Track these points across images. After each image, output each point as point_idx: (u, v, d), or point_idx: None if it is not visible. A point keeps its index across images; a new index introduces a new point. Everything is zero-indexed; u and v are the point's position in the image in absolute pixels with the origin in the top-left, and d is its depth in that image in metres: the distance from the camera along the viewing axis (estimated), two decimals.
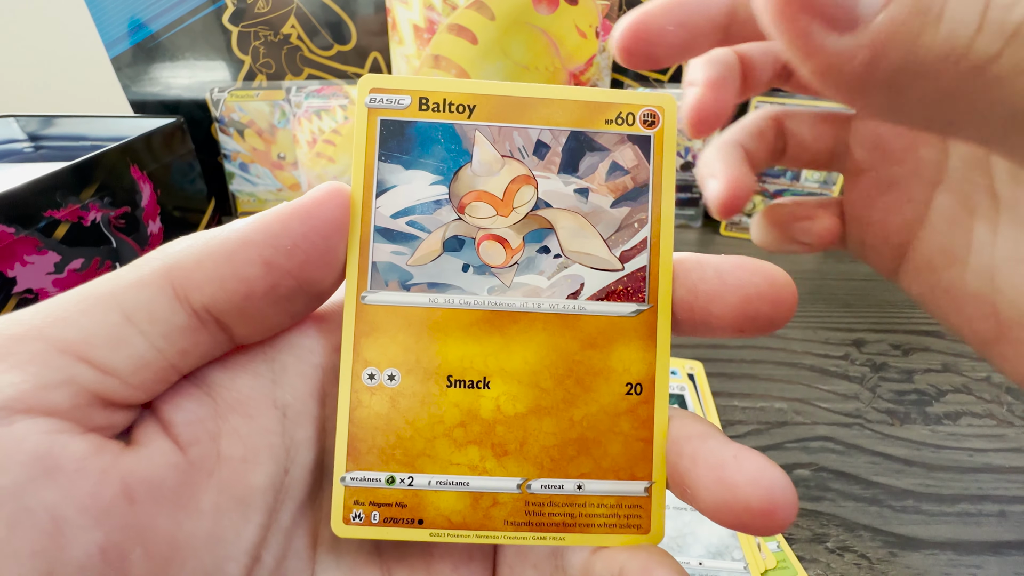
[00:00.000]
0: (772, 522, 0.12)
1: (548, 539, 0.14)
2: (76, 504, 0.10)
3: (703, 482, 0.12)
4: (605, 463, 0.14)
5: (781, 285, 0.13)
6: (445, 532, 0.14)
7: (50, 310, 0.11)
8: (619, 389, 0.14)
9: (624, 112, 0.14)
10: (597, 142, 0.14)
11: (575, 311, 0.14)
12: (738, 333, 0.13)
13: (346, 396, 0.14)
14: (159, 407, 0.13)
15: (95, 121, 0.57)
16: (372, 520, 0.14)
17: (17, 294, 0.39)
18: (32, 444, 0.10)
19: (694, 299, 0.14)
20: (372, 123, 0.14)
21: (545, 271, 0.14)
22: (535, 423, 0.14)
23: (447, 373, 0.14)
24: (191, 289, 0.12)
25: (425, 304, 0.14)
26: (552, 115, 0.14)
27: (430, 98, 0.14)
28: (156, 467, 0.12)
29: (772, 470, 0.12)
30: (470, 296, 0.14)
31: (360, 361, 0.14)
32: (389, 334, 0.14)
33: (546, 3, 0.46)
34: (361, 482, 0.14)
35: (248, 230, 0.12)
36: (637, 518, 0.14)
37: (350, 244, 0.14)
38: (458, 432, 0.14)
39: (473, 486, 0.14)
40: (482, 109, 0.14)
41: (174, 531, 0.11)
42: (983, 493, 0.33)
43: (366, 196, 0.14)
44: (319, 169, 0.62)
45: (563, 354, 0.14)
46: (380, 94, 0.14)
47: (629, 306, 0.14)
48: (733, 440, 0.13)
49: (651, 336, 0.14)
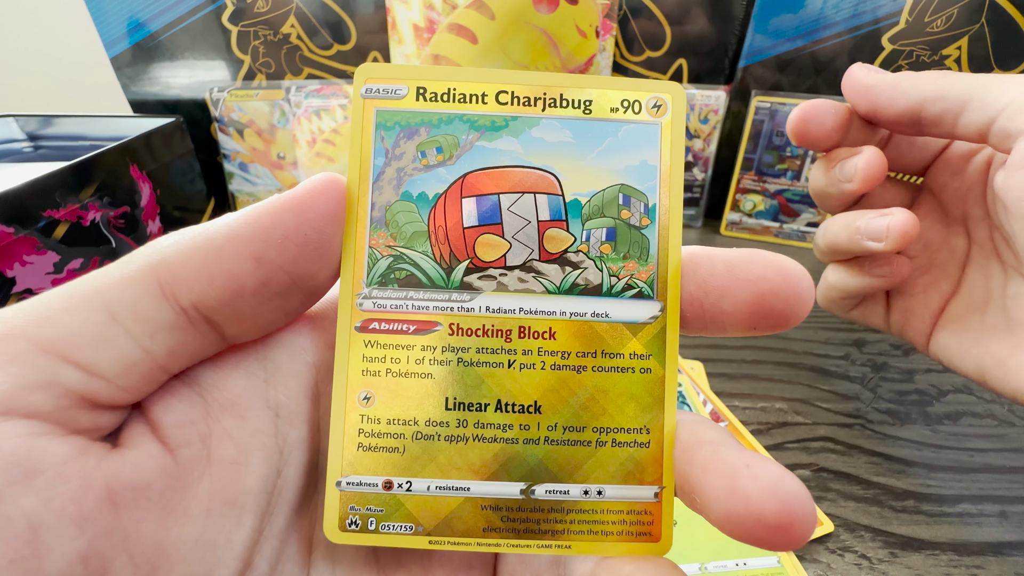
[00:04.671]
0: (788, 536, 0.11)
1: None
2: (56, 510, 0.10)
3: (714, 492, 0.12)
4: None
5: (796, 278, 0.12)
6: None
7: (33, 308, 0.11)
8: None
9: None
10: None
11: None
12: (751, 330, 0.13)
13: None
14: (148, 408, 0.12)
15: (94, 121, 0.57)
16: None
17: (16, 294, 0.38)
18: (10, 447, 0.10)
19: (704, 296, 0.13)
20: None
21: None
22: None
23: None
24: (178, 286, 0.11)
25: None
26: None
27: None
28: (143, 470, 0.11)
29: (789, 480, 0.11)
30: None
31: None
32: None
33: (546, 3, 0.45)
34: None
35: (237, 224, 0.12)
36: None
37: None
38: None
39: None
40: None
41: (161, 537, 0.11)
42: (984, 493, 0.32)
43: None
44: (319, 169, 0.62)
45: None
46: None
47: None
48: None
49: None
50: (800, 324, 0.48)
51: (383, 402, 0.13)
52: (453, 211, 0.14)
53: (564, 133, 0.14)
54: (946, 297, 0.27)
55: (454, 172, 0.14)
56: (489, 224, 0.14)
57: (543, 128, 0.14)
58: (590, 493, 0.13)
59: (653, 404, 0.13)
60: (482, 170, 0.14)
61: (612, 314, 0.14)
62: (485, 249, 0.14)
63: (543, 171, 0.14)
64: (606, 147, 0.14)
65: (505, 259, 0.14)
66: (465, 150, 0.14)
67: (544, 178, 0.14)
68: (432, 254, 0.13)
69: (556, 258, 0.14)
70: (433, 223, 0.13)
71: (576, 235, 0.14)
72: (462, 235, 0.14)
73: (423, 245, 0.13)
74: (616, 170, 0.14)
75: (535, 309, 0.13)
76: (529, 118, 0.14)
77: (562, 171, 0.14)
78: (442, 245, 0.13)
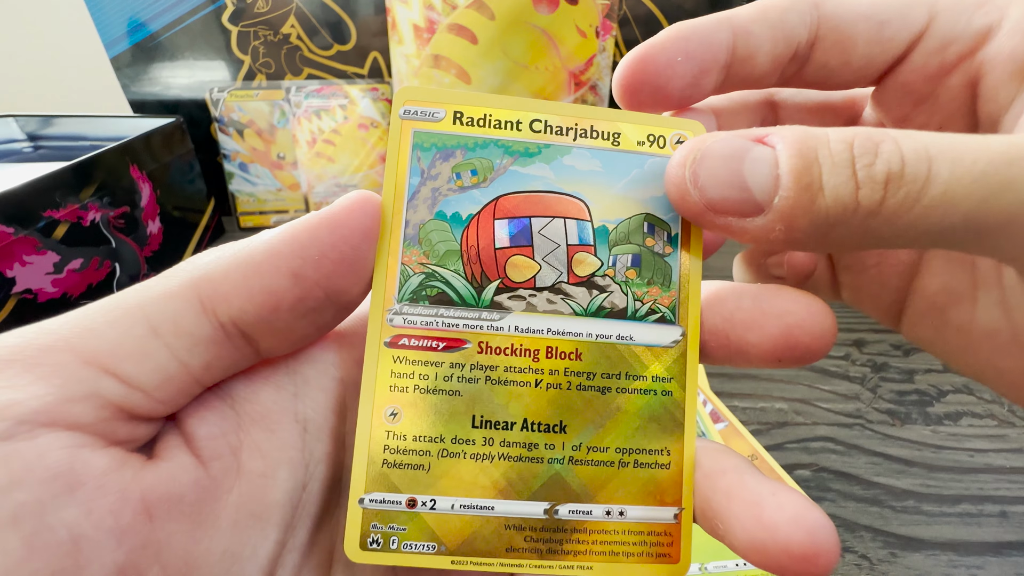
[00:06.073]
0: (813, 566, 0.11)
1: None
2: (96, 522, 0.10)
3: (739, 520, 0.12)
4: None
5: (822, 314, 0.13)
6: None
7: (77, 320, 0.11)
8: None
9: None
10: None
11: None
12: (776, 363, 0.13)
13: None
14: (182, 419, 0.12)
15: (94, 121, 0.57)
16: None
17: (16, 294, 0.38)
18: (54, 459, 0.10)
19: (731, 328, 0.13)
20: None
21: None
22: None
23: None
24: (218, 302, 0.12)
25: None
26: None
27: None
28: (176, 483, 0.11)
29: (814, 511, 0.11)
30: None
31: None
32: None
33: (546, 3, 0.46)
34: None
35: (276, 241, 0.12)
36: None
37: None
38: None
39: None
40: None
41: (191, 548, 0.11)
42: (984, 494, 0.32)
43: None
44: (319, 169, 0.62)
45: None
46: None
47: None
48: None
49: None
50: None
51: (410, 418, 0.13)
52: (486, 232, 0.14)
53: (594, 163, 0.14)
54: (908, 270, 0.18)
55: (488, 194, 0.14)
56: (520, 246, 0.14)
57: (574, 157, 0.14)
58: (612, 513, 0.13)
59: (673, 426, 0.14)
60: (515, 193, 0.14)
61: (636, 337, 0.14)
62: (516, 270, 0.14)
63: (573, 197, 0.14)
64: (632, 178, 0.14)
65: (535, 280, 0.14)
66: (499, 173, 0.14)
67: (574, 204, 0.14)
68: (464, 273, 0.14)
69: (584, 281, 0.14)
70: (466, 243, 0.14)
71: (603, 260, 0.14)
72: (494, 255, 0.14)
73: (455, 264, 0.14)
74: (641, 200, 0.14)
75: (563, 330, 0.14)
76: (561, 146, 0.14)
77: (591, 198, 0.14)
78: (474, 264, 0.14)
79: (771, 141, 0.12)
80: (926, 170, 0.11)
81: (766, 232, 0.12)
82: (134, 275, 0.49)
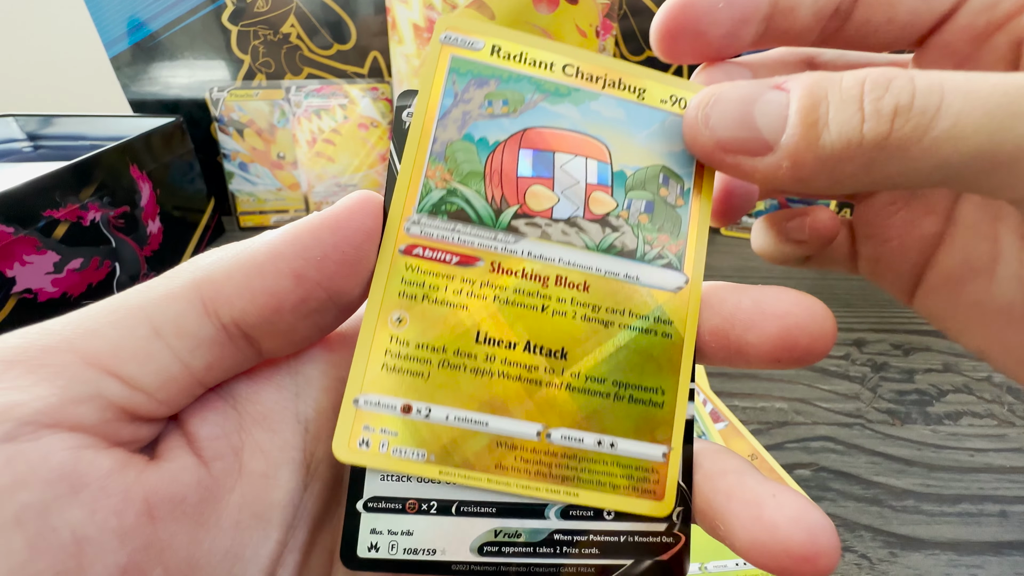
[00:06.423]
0: (814, 566, 0.11)
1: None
2: (99, 523, 0.10)
3: (739, 520, 0.12)
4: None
5: (822, 315, 0.13)
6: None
7: (80, 321, 0.11)
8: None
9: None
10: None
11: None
12: (775, 363, 0.13)
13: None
14: (184, 420, 0.12)
15: (94, 120, 0.57)
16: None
17: (16, 294, 0.38)
18: (58, 460, 0.10)
19: (730, 328, 0.13)
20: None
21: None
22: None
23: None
24: (221, 303, 0.12)
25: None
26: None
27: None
28: (179, 483, 0.11)
29: (814, 512, 0.11)
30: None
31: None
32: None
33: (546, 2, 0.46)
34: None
35: (278, 242, 0.12)
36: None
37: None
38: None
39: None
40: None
41: (193, 549, 0.11)
42: (984, 493, 0.33)
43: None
44: (319, 168, 0.62)
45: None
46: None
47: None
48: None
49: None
50: None
51: (414, 325, 0.13)
52: (510, 159, 0.14)
53: (619, 111, 0.15)
54: (931, 242, 0.18)
55: (516, 124, 0.14)
56: (542, 177, 0.14)
57: (601, 103, 0.15)
58: (603, 444, 0.14)
59: (670, 368, 0.14)
60: (542, 127, 0.15)
61: (643, 278, 0.14)
62: (535, 199, 0.14)
63: (597, 140, 0.15)
64: (653, 131, 0.15)
65: (552, 211, 0.14)
66: (529, 107, 0.14)
67: (597, 146, 0.15)
68: (484, 194, 0.14)
69: (598, 219, 0.14)
70: (490, 167, 0.14)
71: (619, 202, 0.15)
72: (515, 182, 0.14)
73: (477, 184, 0.14)
74: (660, 152, 0.15)
75: (573, 261, 0.14)
76: (589, 92, 0.15)
77: (613, 144, 0.15)
78: (495, 188, 0.14)
79: (787, 86, 0.12)
80: (937, 102, 0.11)
81: (774, 170, 0.12)
82: (134, 275, 0.49)
